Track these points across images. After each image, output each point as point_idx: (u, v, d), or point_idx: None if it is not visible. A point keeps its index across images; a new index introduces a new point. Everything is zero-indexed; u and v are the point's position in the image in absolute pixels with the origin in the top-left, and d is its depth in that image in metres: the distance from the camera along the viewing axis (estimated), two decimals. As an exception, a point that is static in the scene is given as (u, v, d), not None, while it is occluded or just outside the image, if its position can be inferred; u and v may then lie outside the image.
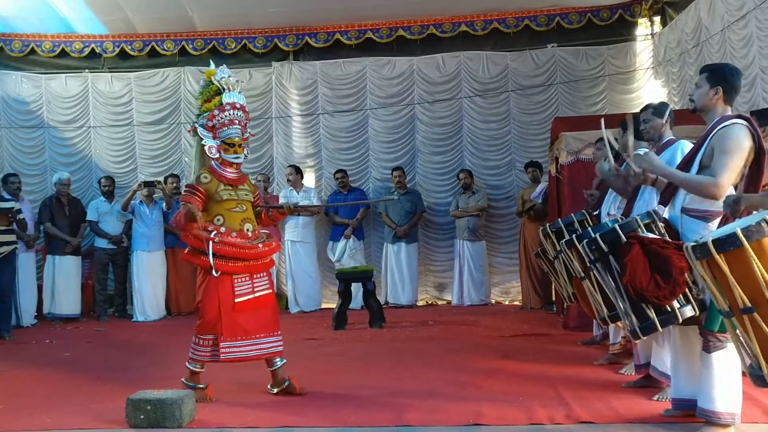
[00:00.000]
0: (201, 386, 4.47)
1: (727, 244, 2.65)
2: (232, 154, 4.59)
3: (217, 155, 4.59)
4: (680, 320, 3.32)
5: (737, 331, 2.77)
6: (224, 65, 4.79)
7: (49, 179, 9.40)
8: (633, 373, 4.76)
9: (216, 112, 4.58)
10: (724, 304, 2.77)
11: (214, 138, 4.58)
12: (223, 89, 4.64)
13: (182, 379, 4.53)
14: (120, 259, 8.77)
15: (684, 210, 3.54)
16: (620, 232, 3.36)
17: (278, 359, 4.57)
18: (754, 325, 2.64)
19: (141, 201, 8.73)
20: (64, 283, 8.46)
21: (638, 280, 3.22)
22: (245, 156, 4.67)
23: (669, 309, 3.31)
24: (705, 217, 3.47)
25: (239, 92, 4.69)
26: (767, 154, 3.41)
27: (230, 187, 4.56)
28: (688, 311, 3.33)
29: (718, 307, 2.87)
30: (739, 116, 3.50)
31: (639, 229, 3.40)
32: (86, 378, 5.26)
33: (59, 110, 9.82)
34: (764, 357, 2.65)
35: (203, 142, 4.60)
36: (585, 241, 3.53)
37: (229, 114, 4.57)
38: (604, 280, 3.49)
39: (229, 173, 4.62)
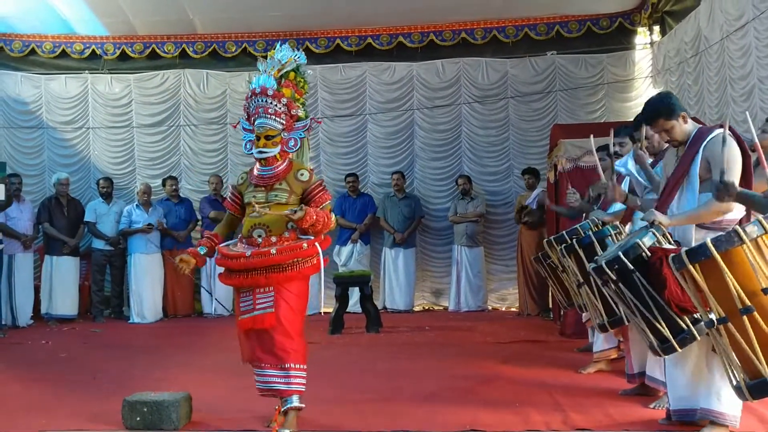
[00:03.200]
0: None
1: (698, 254, 2.67)
2: (256, 148, 3.91)
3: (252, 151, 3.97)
4: (717, 324, 3.28)
5: (720, 341, 2.77)
6: (287, 44, 4.23)
7: (48, 180, 9.40)
8: (592, 371, 5.06)
9: (245, 102, 4.04)
10: (705, 315, 2.77)
11: (253, 132, 3.98)
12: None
13: None
14: (117, 261, 8.77)
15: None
16: (644, 248, 3.26)
17: (288, 399, 3.83)
18: (729, 335, 2.66)
19: (138, 204, 8.74)
20: (61, 283, 8.45)
21: (674, 293, 3.17)
22: (290, 148, 3.95)
23: (700, 317, 3.28)
24: (715, 228, 3.44)
25: (272, 73, 4.00)
26: (750, 156, 3.48)
27: (261, 188, 3.92)
28: (713, 316, 3.29)
29: (702, 318, 2.87)
30: (720, 126, 3.53)
31: (657, 242, 3.35)
32: (82, 379, 5.24)
33: (59, 111, 9.82)
34: (742, 367, 2.66)
35: (242, 137, 4.04)
36: (605, 261, 3.38)
37: (253, 102, 3.94)
38: (626, 298, 3.37)
39: (258, 171, 3.95)
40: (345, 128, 9.73)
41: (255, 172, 3.98)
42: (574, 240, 4.09)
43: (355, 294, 8.13)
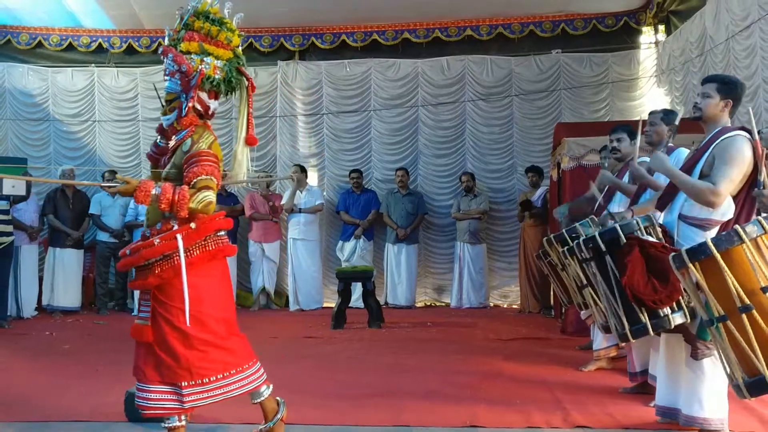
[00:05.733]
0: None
1: (698, 253, 2.70)
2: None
3: None
4: (672, 326, 3.32)
5: (719, 340, 2.79)
6: None
7: (54, 172, 9.44)
8: (592, 369, 5.07)
9: None
10: (704, 313, 2.80)
11: None
12: None
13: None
14: (121, 253, 8.79)
15: (681, 217, 3.54)
16: (620, 232, 3.36)
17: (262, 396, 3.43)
18: (729, 334, 2.68)
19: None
20: (64, 275, 8.49)
21: (636, 282, 3.22)
22: (180, 116, 3.26)
23: (662, 314, 3.31)
24: (703, 225, 3.46)
25: (173, 28, 3.46)
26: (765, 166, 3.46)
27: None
28: (679, 318, 3.32)
29: (701, 317, 2.90)
30: (742, 128, 3.52)
31: (638, 232, 3.40)
32: (85, 371, 5.27)
33: (65, 104, 9.86)
34: (740, 365, 2.68)
35: None
36: (582, 239, 3.52)
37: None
38: (596, 279, 3.49)
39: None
40: (349, 124, 9.76)
41: None
42: (575, 244, 4.10)
43: (357, 289, 8.16)
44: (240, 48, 3.48)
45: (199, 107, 3.31)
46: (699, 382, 3.41)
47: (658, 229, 3.49)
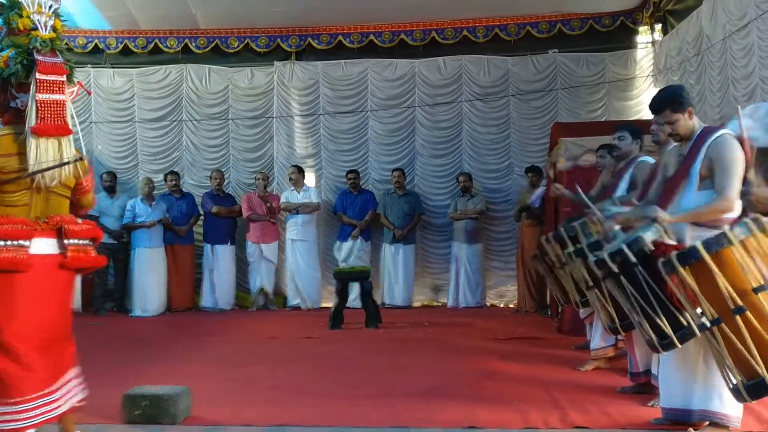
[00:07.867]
0: None
1: (689, 257, 2.69)
2: None
3: None
4: (711, 325, 3.30)
5: (715, 344, 2.78)
6: None
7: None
8: (590, 368, 5.08)
9: None
10: (697, 318, 2.79)
11: None
12: None
13: None
14: (120, 254, 8.80)
15: None
16: (647, 242, 3.28)
17: None
18: (724, 336, 2.67)
19: (142, 198, 8.78)
20: (62, 277, 8.47)
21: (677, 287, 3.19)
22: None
23: (700, 314, 3.29)
24: (715, 225, 3.42)
25: None
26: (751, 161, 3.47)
27: None
28: (704, 319, 3.30)
29: (694, 322, 2.88)
30: (722, 125, 3.54)
31: (660, 237, 3.34)
32: (82, 372, 5.25)
33: (61, 105, 9.82)
34: (738, 368, 2.67)
35: None
36: (608, 253, 3.39)
37: None
38: (628, 293, 3.37)
39: None
40: (346, 125, 9.76)
41: None
42: (598, 260, 4.06)
43: (354, 289, 8.16)
44: (39, 30, 3.17)
45: (13, 104, 3.17)
46: (719, 377, 3.39)
47: (671, 233, 3.47)
